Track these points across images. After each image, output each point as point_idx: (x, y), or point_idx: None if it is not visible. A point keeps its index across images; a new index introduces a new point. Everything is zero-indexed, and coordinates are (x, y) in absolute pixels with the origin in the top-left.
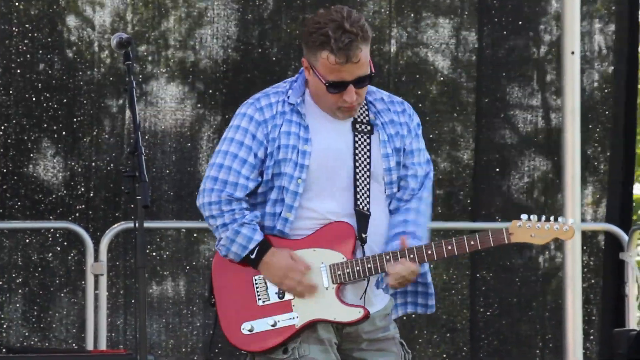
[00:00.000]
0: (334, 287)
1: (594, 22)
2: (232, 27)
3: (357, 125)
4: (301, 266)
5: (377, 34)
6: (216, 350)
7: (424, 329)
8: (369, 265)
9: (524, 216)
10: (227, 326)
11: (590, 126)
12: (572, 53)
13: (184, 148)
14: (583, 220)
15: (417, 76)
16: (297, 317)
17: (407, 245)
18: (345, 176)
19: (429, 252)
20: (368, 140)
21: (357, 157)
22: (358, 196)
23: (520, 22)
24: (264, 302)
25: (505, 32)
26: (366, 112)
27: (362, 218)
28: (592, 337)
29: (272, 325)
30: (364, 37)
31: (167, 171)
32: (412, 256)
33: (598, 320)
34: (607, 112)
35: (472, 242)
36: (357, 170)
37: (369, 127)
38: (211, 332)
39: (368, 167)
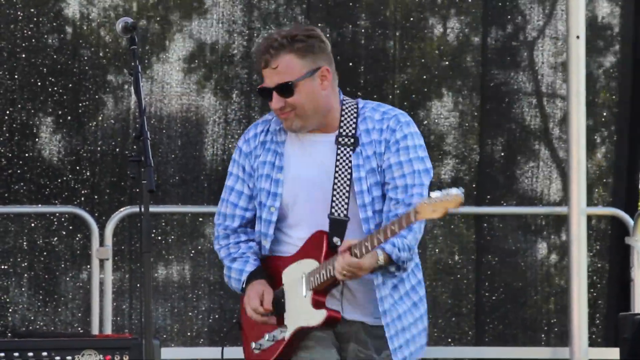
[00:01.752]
0: (309, 294)
1: (599, 6)
2: (238, 11)
3: (341, 139)
4: (254, 293)
5: (382, 18)
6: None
7: (429, 313)
8: (329, 266)
9: (433, 193)
10: (245, 347)
11: (596, 111)
12: (577, 37)
13: (190, 133)
14: (589, 204)
15: (422, 60)
16: (287, 329)
17: (350, 243)
18: (322, 195)
19: (366, 243)
20: (351, 153)
21: (337, 169)
22: (334, 204)
23: (522, 7)
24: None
25: (508, 17)
26: (354, 126)
27: (337, 224)
28: (597, 321)
29: (272, 341)
30: (286, 46)
31: (173, 156)
32: (355, 251)
33: (603, 304)
34: (613, 97)
35: (393, 227)
36: (336, 180)
37: (352, 140)
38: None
39: (349, 176)
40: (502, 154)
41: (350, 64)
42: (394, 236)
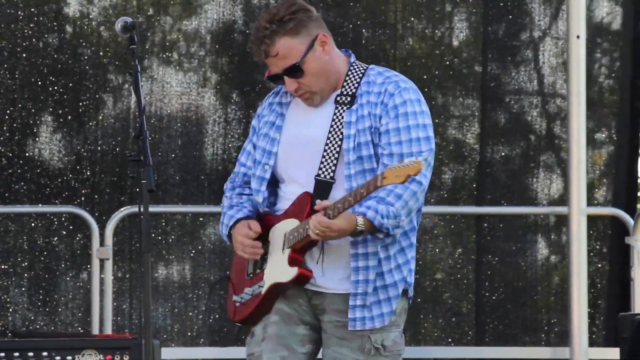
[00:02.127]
0: (288, 251)
1: (600, 6)
2: (238, 10)
3: (339, 98)
4: (244, 229)
5: (383, 18)
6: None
7: (429, 313)
8: (306, 226)
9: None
10: (228, 300)
11: (596, 110)
12: (578, 37)
13: (190, 132)
14: (589, 204)
15: (423, 60)
16: (264, 284)
17: (326, 204)
18: (315, 154)
19: (338, 205)
20: (348, 110)
21: (331, 129)
22: (322, 165)
23: (524, 6)
24: (250, 274)
25: (510, 16)
26: (356, 86)
27: (322, 185)
28: (597, 321)
29: (250, 295)
30: (278, 31)
31: (173, 155)
32: (328, 212)
33: (604, 304)
34: (613, 97)
35: (362, 191)
36: (328, 141)
37: (349, 99)
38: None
39: (340, 136)
40: (503, 154)
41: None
42: (380, 202)
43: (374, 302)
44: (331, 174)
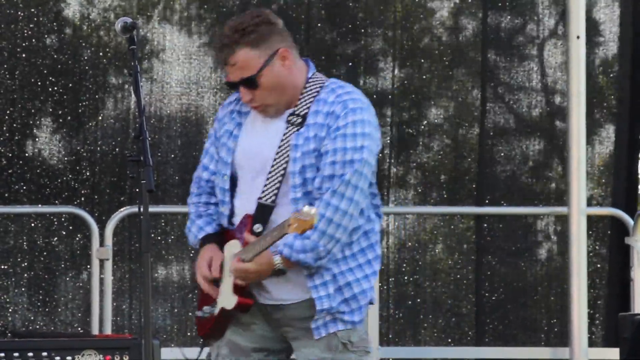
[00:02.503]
0: (231, 275)
1: (599, 5)
2: (238, 11)
3: (290, 117)
4: (203, 260)
5: (381, 18)
6: None
7: (429, 313)
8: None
9: (305, 208)
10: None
11: (595, 110)
12: (578, 37)
13: (189, 133)
14: (588, 204)
15: (422, 61)
16: (217, 306)
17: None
18: (263, 173)
19: (255, 247)
20: (296, 129)
21: (279, 149)
22: (265, 188)
23: (524, 5)
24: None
25: (509, 16)
26: (308, 105)
27: (262, 210)
28: (597, 321)
29: (207, 314)
30: (239, 41)
31: (173, 155)
32: (242, 256)
33: (603, 305)
34: (612, 97)
35: (274, 233)
36: (275, 162)
37: (299, 120)
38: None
39: (287, 158)
40: (503, 153)
41: (350, 63)
42: (297, 237)
43: (337, 305)
44: (273, 198)
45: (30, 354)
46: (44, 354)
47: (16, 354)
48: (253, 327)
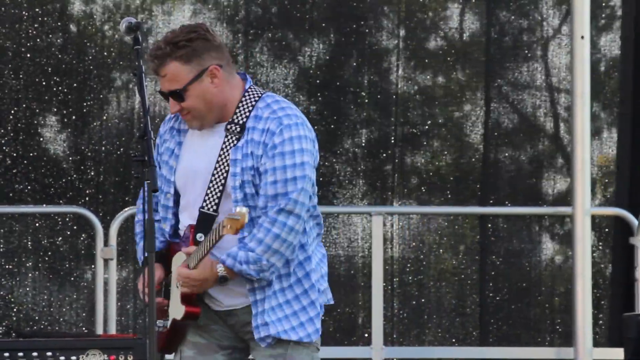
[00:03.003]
0: (178, 286)
1: (602, 6)
2: (242, 11)
3: (229, 126)
4: (140, 281)
5: (385, 20)
6: None
7: (433, 313)
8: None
9: (238, 208)
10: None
11: (600, 111)
12: (582, 37)
13: None
14: (593, 205)
15: (426, 61)
16: (169, 318)
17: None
18: (204, 185)
19: (197, 254)
20: (235, 142)
21: (219, 158)
22: (206, 197)
23: (528, 5)
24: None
25: (513, 16)
26: (246, 116)
27: (204, 219)
28: (601, 322)
29: (162, 328)
30: (170, 54)
31: None
32: (188, 262)
33: (607, 305)
34: (615, 97)
35: (213, 237)
36: (215, 172)
37: (238, 129)
38: None
39: (226, 169)
40: (507, 154)
41: (354, 64)
42: (242, 248)
43: (275, 308)
44: (214, 207)
45: (35, 354)
46: (49, 353)
47: (21, 354)
48: (213, 328)
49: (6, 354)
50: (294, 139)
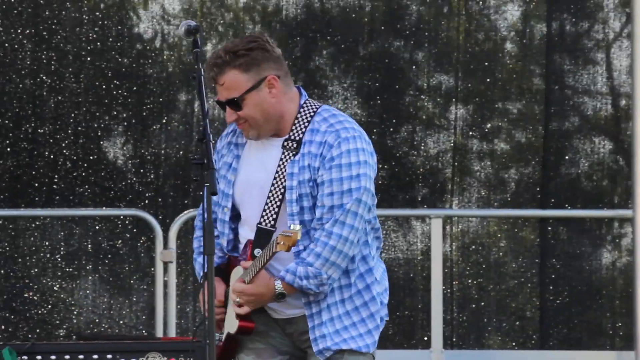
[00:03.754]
0: (234, 302)
1: None
2: (302, 14)
3: (286, 143)
4: (202, 295)
5: (445, 21)
6: None
7: (493, 317)
8: None
9: (291, 226)
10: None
11: None
12: None
13: None
14: None
15: (486, 64)
16: (224, 331)
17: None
18: (263, 199)
19: (253, 269)
20: (292, 157)
21: (277, 174)
22: (264, 213)
23: (589, 8)
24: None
25: (574, 19)
26: (303, 131)
27: (262, 234)
28: None
29: (219, 340)
30: (229, 62)
31: None
32: (244, 277)
33: None
34: None
35: (267, 253)
36: (272, 188)
37: (295, 145)
38: None
39: (283, 184)
40: (567, 157)
41: (414, 66)
42: (299, 263)
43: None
44: (272, 222)
45: (95, 357)
46: (109, 356)
47: (81, 357)
48: (272, 335)
49: (67, 357)
50: (352, 151)
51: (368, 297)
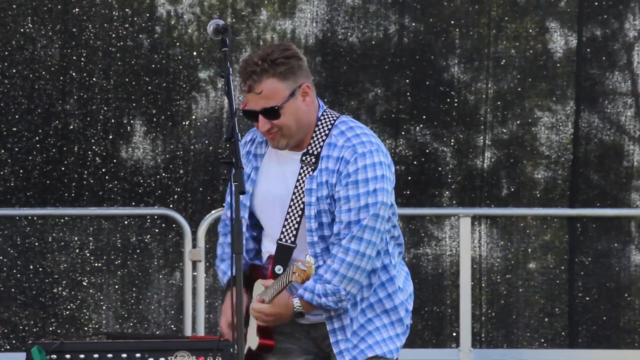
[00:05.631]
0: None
1: None
2: (331, 10)
3: (304, 157)
4: (226, 304)
5: (475, 18)
6: None
7: (522, 313)
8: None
9: (308, 257)
10: None
11: None
12: None
13: None
14: None
15: (516, 62)
16: (247, 344)
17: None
18: (283, 213)
19: (273, 288)
20: (310, 172)
21: (296, 190)
22: (284, 229)
23: (621, 7)
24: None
25: (605, 16)
26: (320, 145)
27: (283, 250)
28: None
29: (245, 351)
30: (268, 70)
31: None
32: (263, 297)
33: None
34: None
35: (283, 279)
36: (292, 203)
37: (314, 160)
38: None
39: (302, 200)
40: (596, 154)
41: (444, 72)
42: (317, 280)
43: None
44: (292, 239)
45: (124, 356)
46: (137, 355)
47: (110, 355)
48: (297, 336)
49: (95, 355)
50: (368, 167)
51: (389, 305)
